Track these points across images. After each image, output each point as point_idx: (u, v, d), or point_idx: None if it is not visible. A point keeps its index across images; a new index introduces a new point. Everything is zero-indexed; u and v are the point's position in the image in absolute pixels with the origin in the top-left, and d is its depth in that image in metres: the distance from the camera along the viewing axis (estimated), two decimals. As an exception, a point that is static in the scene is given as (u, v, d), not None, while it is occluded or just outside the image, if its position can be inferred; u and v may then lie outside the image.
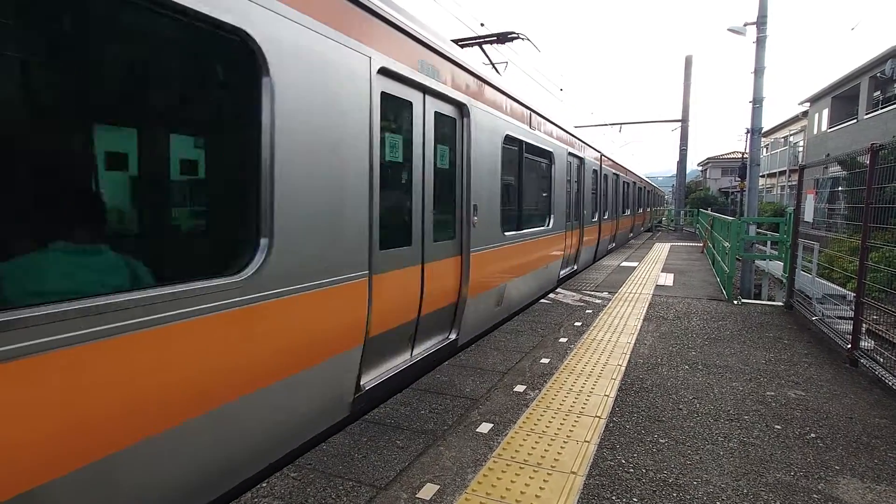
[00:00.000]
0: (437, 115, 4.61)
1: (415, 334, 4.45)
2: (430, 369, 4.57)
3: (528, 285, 7.48)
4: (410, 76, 4.02)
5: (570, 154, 9.77)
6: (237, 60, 2.62)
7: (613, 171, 15.68)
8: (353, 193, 3.38)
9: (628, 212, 19.83)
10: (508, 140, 6.35)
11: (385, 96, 3.77)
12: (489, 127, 5.63)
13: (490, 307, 5.95)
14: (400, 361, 4.26)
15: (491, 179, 5.71)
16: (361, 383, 3.65)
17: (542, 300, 7.90)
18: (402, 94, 4.05)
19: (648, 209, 31.13)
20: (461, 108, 5.04)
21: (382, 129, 3.78)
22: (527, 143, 7.13)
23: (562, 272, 9.54)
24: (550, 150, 8.37)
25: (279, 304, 2.76)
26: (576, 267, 10.80)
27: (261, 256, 2.66)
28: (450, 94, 4.70)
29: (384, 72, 3.71)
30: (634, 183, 22.08)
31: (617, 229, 16.55)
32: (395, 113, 4.08)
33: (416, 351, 4.52)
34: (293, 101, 2.82)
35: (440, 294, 4.75)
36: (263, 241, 2.68)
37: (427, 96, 4.42)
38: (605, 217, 14.07)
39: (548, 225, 8.31)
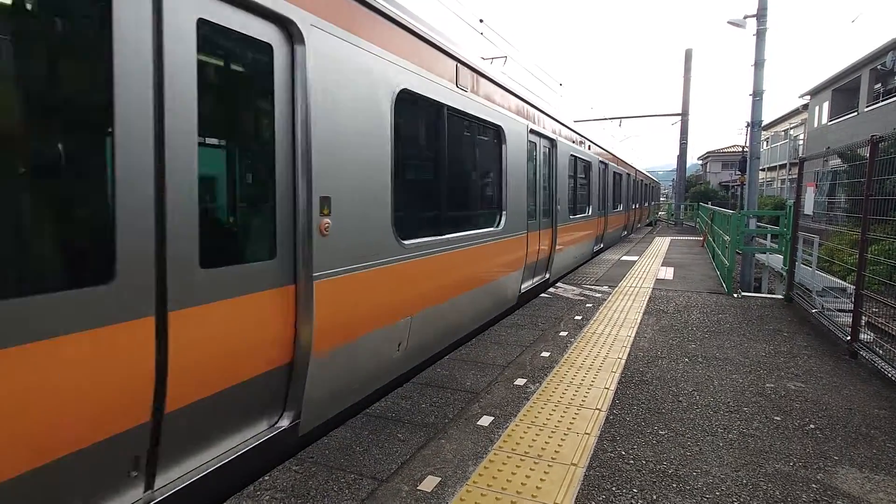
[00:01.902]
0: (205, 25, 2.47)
1: (151, 451, 2.33)
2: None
3: (463, 309, 5.40)
4: None
5: (533, 132, 7.52)
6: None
7: (600, 159, 13.55)
8: None
9: (620, 207, 17.81)
10: (411, 101, 4.31)
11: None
12: (358, 71, 3.49)
13: (374, 358, 3.86)
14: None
15: (367, 157, 3.63)
16: None
17: (543, 294, 7.91)
18: None
19: (646, 204, 30.23)
20: (285, 28, 2.91)
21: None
22: (452, 109, 4.94)
23: (524, 286, 7.41)
24: (499, 123, 6.16)
25: None
26: (548, 276, 8.68)
27: None
28: None
29: None
30: (628, 175, 20.03)
31: (606, 228, 14.65)
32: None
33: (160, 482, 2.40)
34: None
35: (221, 364, 2.61)
36: None
37: None
38: (590, 213, 12.21)
39: (498, 225, 6.20)
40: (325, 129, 3.19)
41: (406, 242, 4.15)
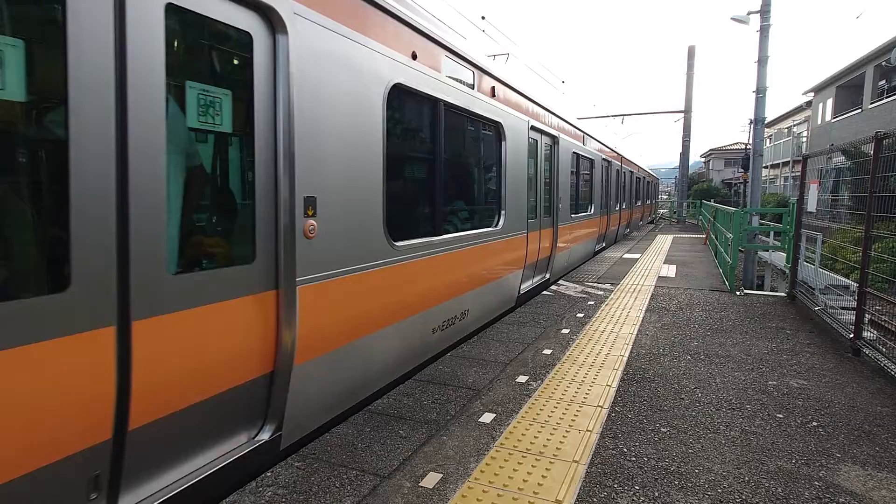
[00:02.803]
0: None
1: (114, 470, 2.18)
2: None
3: (465, 307, 5.32)
4: None
5: (534, 129, 7.33)
6: None
7: (603, 156, 13.03)
8: None
9: (623, 205, 17.31)
10: (404, 95, 4.15)
11: None
12: (347, 64, 3.33)
13: (363, 366, 3.71)
14: None
15: (356, 154, 3.48)
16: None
17: (545, 292, 7.90)
18: None
19: (648, 202, 29.41)
20: (265, 16, 2.74)
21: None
22: (448, 105, 4.77)
23: (523, 286, 7.23)
24: (498, 119, 5.99)
25: None
26: (548, 276, 8.53)
27: None
28: None
29: None
30: (631, 172, 19.51)
31: (608, 227, 14.27)
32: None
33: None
34: None
35: (193, 375, 2.45)
36: None
37: None
38: (592, 212, 11.85)
39: (497, 225, 6.05)
40: (311, 124, 3.01)
41: (398, 244, 3.97)
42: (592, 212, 12.00)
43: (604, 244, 14.19)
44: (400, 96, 4.09)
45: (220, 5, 2.50)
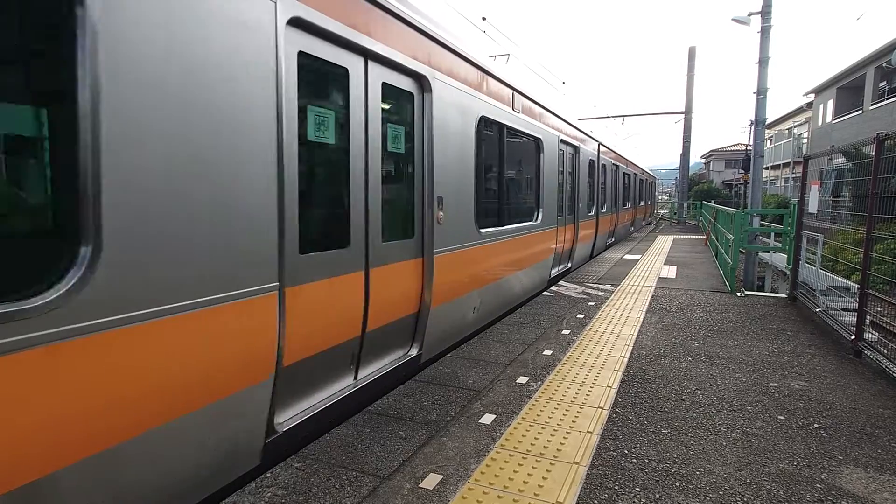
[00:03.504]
0: None
1: (359, 354, 3.72)
2: (382, 393, 3.90)
3: (513, 286, 6.78)
4: None
5: (562, 142, 8.79)
6: None
7: (613, 161, 14.05)
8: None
9: (629, 205, 18.23)
10: (487, 123, 5.63)
11: None
12: (458, 103, 4.91)
13: (462, 316, 5.25)
14: (338, 390, 3.53)
15: (462, 167, 4.96)
16: (277, 423, 2.93)
17: (545, 293, 7.89)
18: None
19: (650, 202, 29.02)
20: (419, 81, 4.31)
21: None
22: (509, 128, 6.40)
23: (553, 271, 8.80)
24: (539, 136, 7.51)
25: (107, 337, 1.97)
26: (570, 265, 9.94)
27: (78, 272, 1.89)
28: None
29: None
30: (636, 175, 19.77)
31: (617, 223, 15.60)
32: None
33: (361, 374, 3.78)
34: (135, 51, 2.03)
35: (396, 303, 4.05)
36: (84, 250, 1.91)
37: None
38: (605, 210, 12.96)
39: (536, 219, 7.52)
40: (440, 146, 4.47)
41: (482, 231, 5.42)
42: (605, 210, 13.47)
43: (613, 239, 15.68)
44: (484, 124, 5.48)
45: (402, 80, 4.02)
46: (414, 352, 4.34)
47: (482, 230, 5.41)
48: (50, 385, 1.83)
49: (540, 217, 7.57)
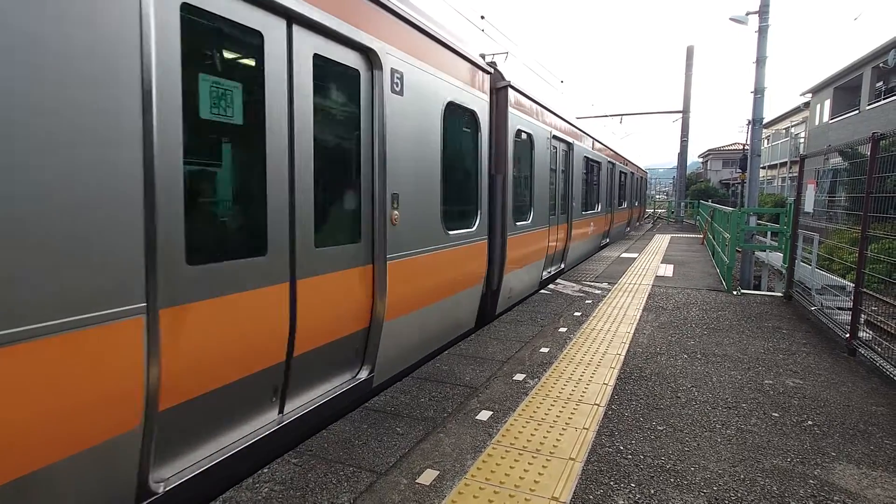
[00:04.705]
0: None
1: (285, 383, 3.08)
2: (325, 425, 3.32)
3: (510, 284, 6.48)
4: None
5: (555, 137, 8.35)
6: None
7: (609, 159, 13.46)
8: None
9: (625, 204, 17.45)
10: (454, 109, 4.90)
11: None
12: (418, 87, 4.24)
13: (429, 328, 4.70)
14: (254, 429, 2.88)
15: (424, 159, 4.35)
16: (155, 482, 2.31)
17: (542, 291, 7.91)
18: None
19: (646, 201, 28.52)
20: (366, 55, 3.64)
21: None
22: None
23: (544, 273, 8.45)
24: (530, 131, 7.06)
25: None
26: (563, 266, 9.58)
27: None
28: None
29: None
30: (632, 173, 19.40)
31: (613, 223, 14.70)
32: None
33: (288, 408, 3.14)
34: None
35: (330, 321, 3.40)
36: None
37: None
38: (600, 210, 12.38)
39: (528, 219, 7.12)
40: (396, 135, 3.85)
41: (452, 233, 4.84)
42: (600, 210, 12.99)
43: (608, 240, 15.22)
44: (451, 110, 4.77)
45: (343, 53, 3.40)
46: (364, 374, 3.70)
47: (451, 232, 4.82)
48: None
49: (532, 217, 7.19)
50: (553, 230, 8.43)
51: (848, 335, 5.00)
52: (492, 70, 5.82)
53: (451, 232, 4.83)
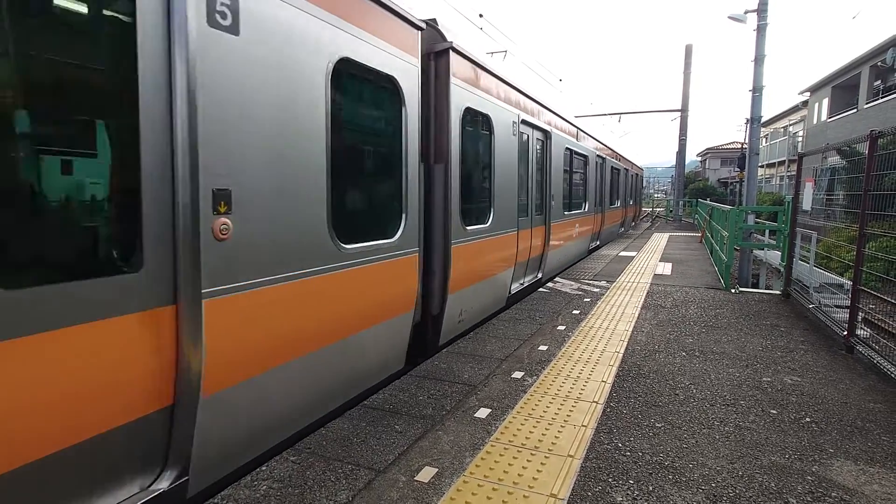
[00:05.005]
0: None
1: None
2: None
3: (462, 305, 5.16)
4: None
5: (525, 123, 6.87)
6: None
7: (598, 153, 12.05)
8: None
9: (618, 203, 16.40)
10: (354, 74, 3.53)
11: None
12: (275, 34, 2.75)
13: (294, 393, 3.13)
14: None
15: (290, 142, 2.90)
16: None
17: (541, 289, 7.91)
18: None
19: (641, 199, 28.10)
20: None
21: None
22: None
23: (513, 287, 7.02)
24: (486, 112, 5.53)
25: None
26: (540, 276, 8.19)
27: None
28: None
29: None
30: (626, 170, 18.50)
31: (603, 225, 13.44)
32: None
33: None
34: None
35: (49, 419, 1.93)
36: None
37: None
38: (586, 209, 11.21)
39: (486, 223, 5.69)
40: (228, 96, 2.47)
41: (347, 247, 3.39)
42: (587, 209, 11.73)
43: (598, 242, 13.98)
44: (349, 75, 3.46)
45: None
46: (165, 483, 2.36)
47: (350, 245, 3.42)
48: None
49: (491, 219, 5.82)
50: (524, 234, 7.02)
51: (846, 333, 5.01)
52: (423, 25, 4.25)
53: (349, 245, 3.41)
